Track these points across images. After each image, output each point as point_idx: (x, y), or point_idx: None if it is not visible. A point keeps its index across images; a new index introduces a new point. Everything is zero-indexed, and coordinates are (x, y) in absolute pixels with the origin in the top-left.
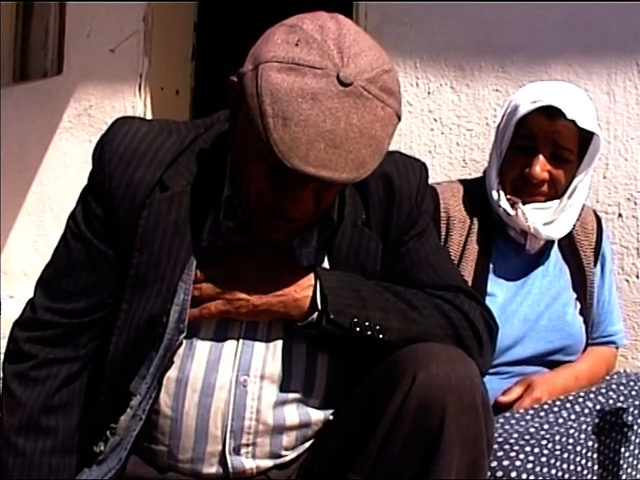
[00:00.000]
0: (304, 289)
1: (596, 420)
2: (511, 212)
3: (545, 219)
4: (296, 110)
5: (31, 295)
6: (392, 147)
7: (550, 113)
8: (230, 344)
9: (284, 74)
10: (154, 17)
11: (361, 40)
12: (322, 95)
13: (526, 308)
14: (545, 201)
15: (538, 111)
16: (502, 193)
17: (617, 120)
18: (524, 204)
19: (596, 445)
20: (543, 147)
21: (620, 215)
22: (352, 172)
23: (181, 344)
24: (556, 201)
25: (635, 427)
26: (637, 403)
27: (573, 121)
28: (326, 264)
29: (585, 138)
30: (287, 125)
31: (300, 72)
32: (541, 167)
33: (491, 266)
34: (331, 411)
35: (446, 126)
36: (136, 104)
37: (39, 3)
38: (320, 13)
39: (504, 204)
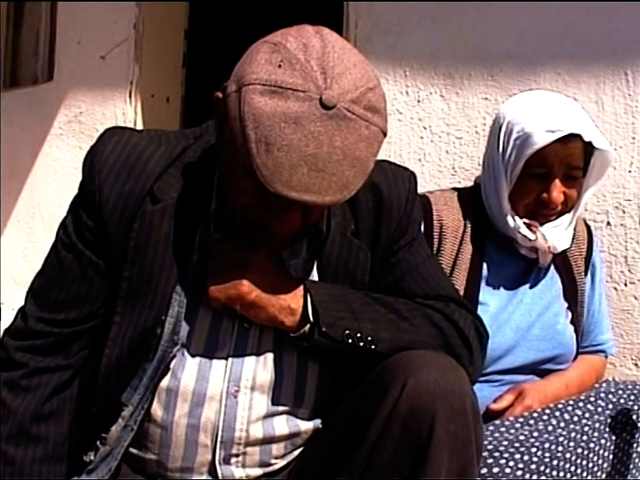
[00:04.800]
0: (297, 299)
1: (585, 428)
2: (532, 237)
3: (560, 235)
4: (279, 135)
5: (20, 302)
6: (381, 155)
7: (564, 138)
8: (221, 355)
9: (267, 97)
10: (145, 24)
11: (346, 57)
12: (305, 119)
13: (518, 317)
14: (557, 218)
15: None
16: (518, 219)
17: (606, 129)
18: (540, 225)
19: (585, 452)
20: (557, 171)
21: (608, 223)
22: (336, 194)
23: (174, 356)
24: (567, 216)
25: (623, 434)
26: (625, 411)
27: (588, 142)
28: (315, 275)
29: (587, 151)
30: (270, 150)
31: (283, 95)
32: (558, 191)
33: (484, 275)
34: (320, 420)
35: (435, 134)
36: (126, 111)
37: (30, 10)
38: (305, 28)
39: (524, 231)
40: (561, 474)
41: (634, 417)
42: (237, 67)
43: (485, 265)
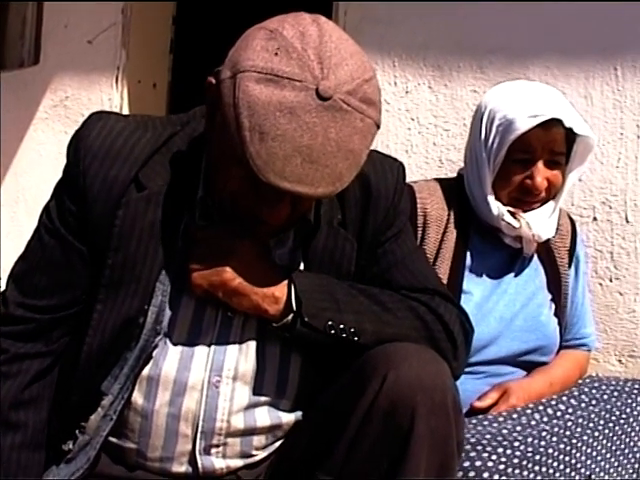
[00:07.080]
0: (281, 288)
1: (568, 423)
2: (516, 225)
3: (544, 223)
4: (273, 124)
5: (2, 288)
6: None
7: (546, 123)
8: (203, 344)
9: (262, 85)
10: (133, 10)
11: (343, 47)
12: (300, 109)
13: (502, 307)
14: (540, 206)
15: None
16: (502, 207)
17: (594, 124)
18: (523, 212)
19: (567, 448)
20: (540, 157)
21: (595, 219)
22: (328, 186)
23: (157, 346)
24: (551, 203)
25: (606, 431)
26: (608, 407)
27: (569, 129)
28: (301, 264)
29: (569, 137)
30: (264, 139)
31: (279, 84)
32: (542, 177)
33: (468, 264)
34: (302, 413)
35: (423, 126)
36: (113, 96)
37: None
38: (302, 16)
39: (508, 218)
40: (543, 469)
41: (617, 413)
42: (231, 53)
43: (469, 254)
